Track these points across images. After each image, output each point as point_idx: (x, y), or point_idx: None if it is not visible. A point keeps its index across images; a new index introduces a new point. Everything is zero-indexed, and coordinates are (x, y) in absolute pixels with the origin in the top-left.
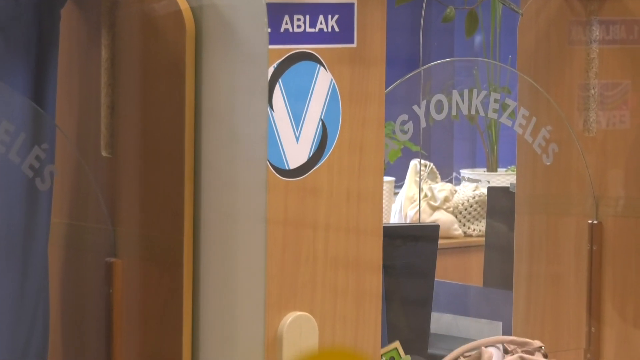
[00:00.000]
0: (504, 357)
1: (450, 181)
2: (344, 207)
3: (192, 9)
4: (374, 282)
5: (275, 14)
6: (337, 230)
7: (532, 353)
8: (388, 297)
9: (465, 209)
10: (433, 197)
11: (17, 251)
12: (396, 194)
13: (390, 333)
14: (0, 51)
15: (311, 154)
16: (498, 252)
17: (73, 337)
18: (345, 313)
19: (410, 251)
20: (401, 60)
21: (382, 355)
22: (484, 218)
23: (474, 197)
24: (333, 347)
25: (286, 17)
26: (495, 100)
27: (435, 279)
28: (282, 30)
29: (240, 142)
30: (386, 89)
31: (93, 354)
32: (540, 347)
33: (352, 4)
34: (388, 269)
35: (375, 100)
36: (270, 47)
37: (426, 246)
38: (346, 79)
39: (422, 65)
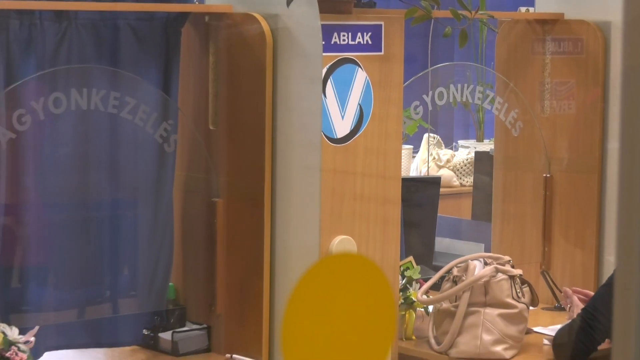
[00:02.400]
0: (483, 267)
1: (451, 148)
2: (374, 161)
3: (271, 29)
4: (395, 214)
5: (327, 31)
6: (369, 177)
7: (503, 265)
8: (405, 225)
9: (461, 167)
10: (439, 159)
11: (151, 195)
12: (414, 157)
13: (406, 250)
14: (140, 58)
15: (352, 127)
16: (482, 196)
17: (189, 254)
18: (375, 236)
19: (422, 194)
20: (415, 62)
21: (400, 266)
22: (472, 173)
23: (467, 159)
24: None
25: (335, 34)
26: (480, 92)
27: (438, 214)
28: (332, 42)
29: (303, 118)
30: (404, 82)
31: (203, 266)
32: (509, 260)
33: (380, 25)
34: (406, 206)
35: (396, 89)
36: (324, 54)
37: (432, 191)
38: (376, 75)
39: (430, 67)
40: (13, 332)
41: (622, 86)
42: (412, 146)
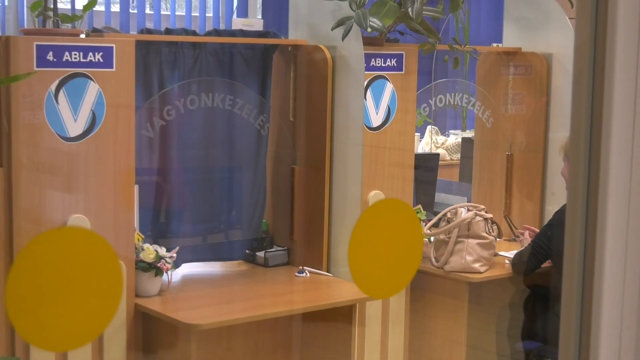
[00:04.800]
0: (467, 212)
1: (445, 135)
2: (397, 139)
3: (332, 56)
4: (410, 175)
5: (368, 58)
6: (394, 150)
7: (480, 211)
8: (416, 184)
9: (452, 148)
10: (437, 142)
11: (252, 163)
12: (420, 141)
13: (416, 200)
14: (246, 74)
15: (383, 120)
16: (466, 167)
17: (276, 201)
18: (397, 189)
19: (427, 164)
20: (424, 78)
21: None
22: (459, 151)
23: (455, 142)
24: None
25: (373, 59)
26: (466, 98)
27: (438, 178)
28: (371, 65)
29: (350, 113)
30: (417, 90)
31: (285, 209)
32: (484, 208)
33: (402, 53)
34: (417, 171)
35: (412, 93)
36: (366, 72)
37: (433, 162)
38: (399, 85)
39: (433, 81)
40: (162, 251)
41: (572, 89)
42: (419, 134)
